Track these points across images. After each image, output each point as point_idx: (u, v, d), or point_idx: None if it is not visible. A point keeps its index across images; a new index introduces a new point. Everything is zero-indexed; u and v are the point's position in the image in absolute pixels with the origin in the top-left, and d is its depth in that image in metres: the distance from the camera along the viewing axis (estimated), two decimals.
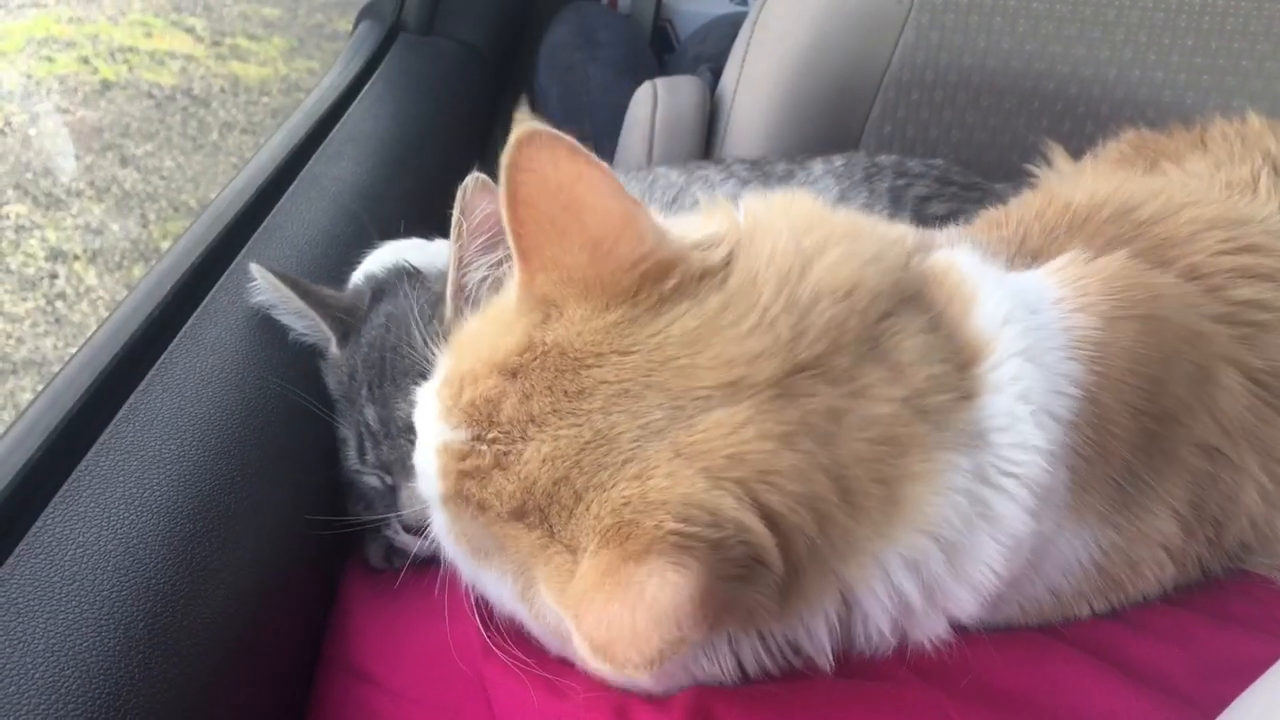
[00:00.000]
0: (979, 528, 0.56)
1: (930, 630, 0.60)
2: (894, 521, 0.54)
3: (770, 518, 0.51)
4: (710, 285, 0.57)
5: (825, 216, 0.63)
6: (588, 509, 0.52)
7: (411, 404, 0.78)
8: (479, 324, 0.63)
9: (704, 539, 0.49)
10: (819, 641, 0.57)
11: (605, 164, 0.57)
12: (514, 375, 0.57)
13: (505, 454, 0.55)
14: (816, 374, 0.54)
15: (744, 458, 0.52)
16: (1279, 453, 0.67)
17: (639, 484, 0.51)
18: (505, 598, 0.60)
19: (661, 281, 0.57)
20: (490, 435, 0.56)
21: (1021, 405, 0.58)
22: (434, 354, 0.65)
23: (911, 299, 0.59)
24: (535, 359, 0.57)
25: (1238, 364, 0.66)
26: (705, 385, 0.54)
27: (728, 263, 0.58)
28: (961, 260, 0.65)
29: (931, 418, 0.56)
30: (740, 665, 0.58)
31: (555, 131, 0.55)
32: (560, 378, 0.56)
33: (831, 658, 0.58)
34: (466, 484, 0.56)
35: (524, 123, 0.57)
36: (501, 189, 0.57)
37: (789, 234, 0.60)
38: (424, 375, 0.78)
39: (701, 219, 0.64)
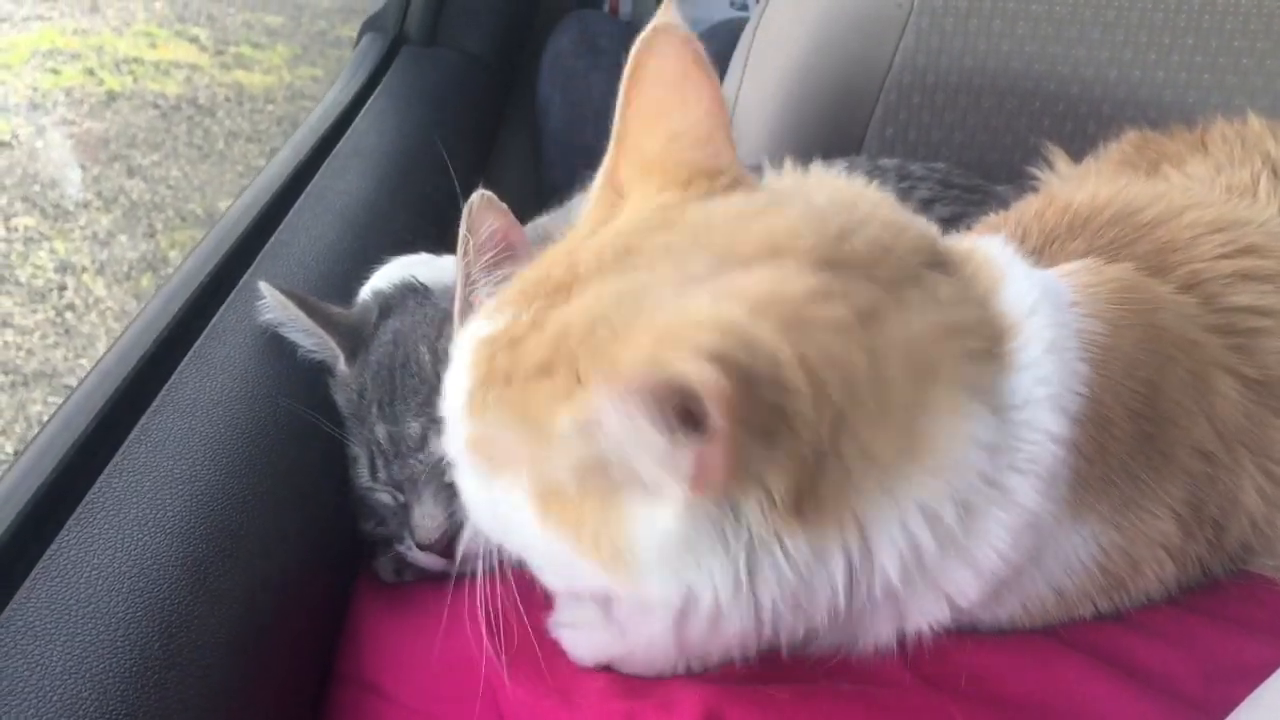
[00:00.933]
0: (989, 497, 0.56)
1: (930, 614, 0.60)
2: (914, 454, 0.53)
3: (806, 363, 0.48)
4: (761, 189, 0.61)
5: (870, 187, 0.65)
6: (623, 338, 0.49)
7: (422, 423, 0.79)
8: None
9: (738, 362, 0.45)
10: (832, 581, 0.54)
11: (718, 82, 0.61)
12: (568, 254, 0.58)
13: (543, 317, 0.55)
14: (859, 272, 0.54)
15: (784, 298, 0.50)
16: (1276, 453, 0.67)
17: (678, 313, 0.50)
18: (516, 511, 0.56)
19: (715, 179, 0.60)
20: (533, 307, 0.56)
21: (1040, 389, 0.58)
22: (442, 371, 0.65)
23: (943, 265, 0.60)
24: (592, 240, 0.59)
25: (1232, 370, 0.66)
26: (748, 248, 0.54)
27: (782, 187, 0.62)
28: (987, 245, 0.66)
29: (963, 356, 0.56)
30: (755, 598, 0.54)
31: (689, 31, 0.61)
32: (609, 246, 0.57)
33: (843, 603, 0.55)
34: (497, 360, 0.55)
35: (665, 14, 0.61)
36: (627, 67, 0.61)
37: (847, 184, 0.63)
38: (434, 392, 0.79)
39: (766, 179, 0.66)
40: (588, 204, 0.64)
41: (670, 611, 0.56)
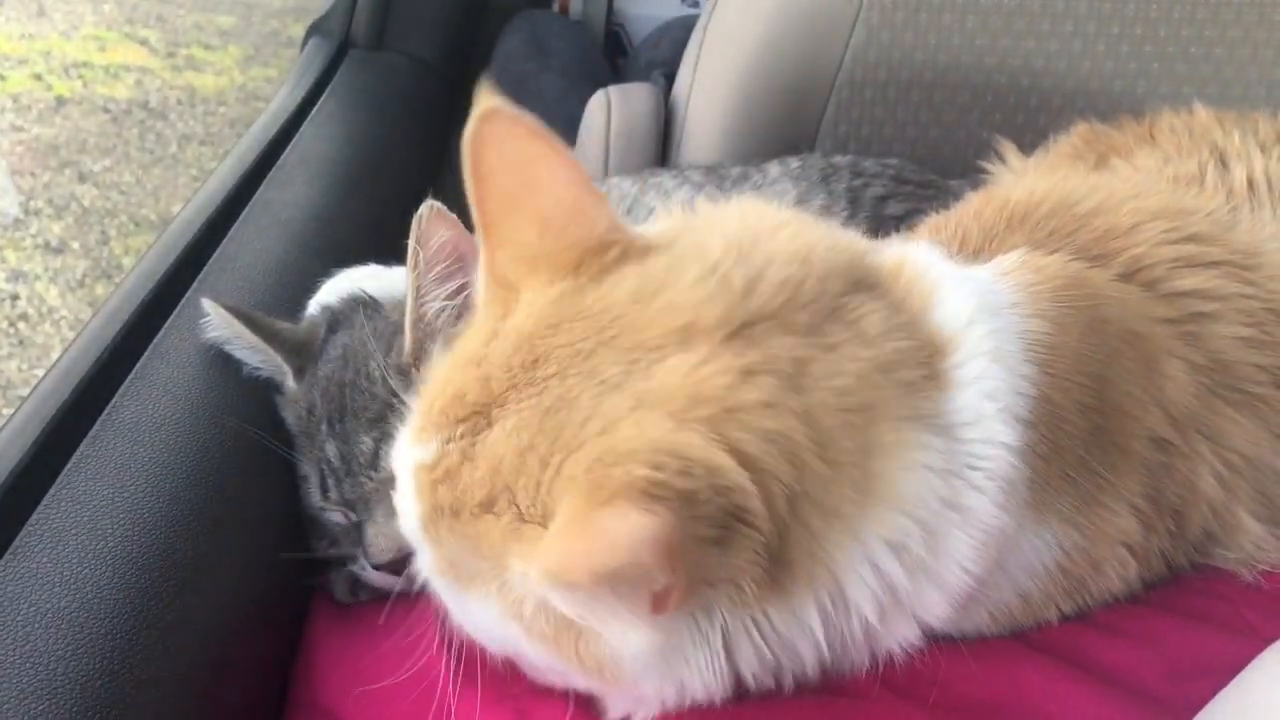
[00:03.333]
0: (951, 520, 0.56)
1: (901, 635, 0.60)
2: (871, 494, 0.54)
3: (743, 458, 0.50)
4: (654, 253, 0.58)
5: (777, 211, 0.64)
6: (557, 472, 0.51)
7: (374, 438, 0.78)
8: (450, 352, 0.62)
9: (674, 488, 0.47)
10: (812, 635, 0.56)
11: (567, 148, 0.58)
12: (477, 365, 0.57)
13: (472, 445, 0.55)
14: (774, 324, 0.54)
15: (704, 396, 0.51)
16: (1230, 439, 0.68)
17: (606, 438, 0.50)
18: (494, 622, 0.57)
19: (603, 255, 0.58)
20: (458, 433, 0.55)
21: (988, 403, 0.58)
22: (392, 386, 0.65)
23: (869, 286, 0.59)
24: (496, 344, 0.57)
25: (1181, 357, 0.67)
26: (655, 335, 0.54)
27: (673, 240, 0.59)
28: (917, 255, 0.66)
29: (902, 390, 0.56)
30: (734, 670, 0.56)
31: (516, 111, 0.57)
32: (516, 354, 0.56)
33: (827, 653, 0.57)
34: (440, 492, 0.55)
35: (487, 99, 0.57)
36: (465, 161, 0.57)
37: (739, 218, 0.61)
38: (385, 407, 0.78)
39: (657, 221, 0.65)
40: (479, 306, 0.62)
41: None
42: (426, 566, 0.60)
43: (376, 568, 0.78)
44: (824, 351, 0.54)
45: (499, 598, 0.56)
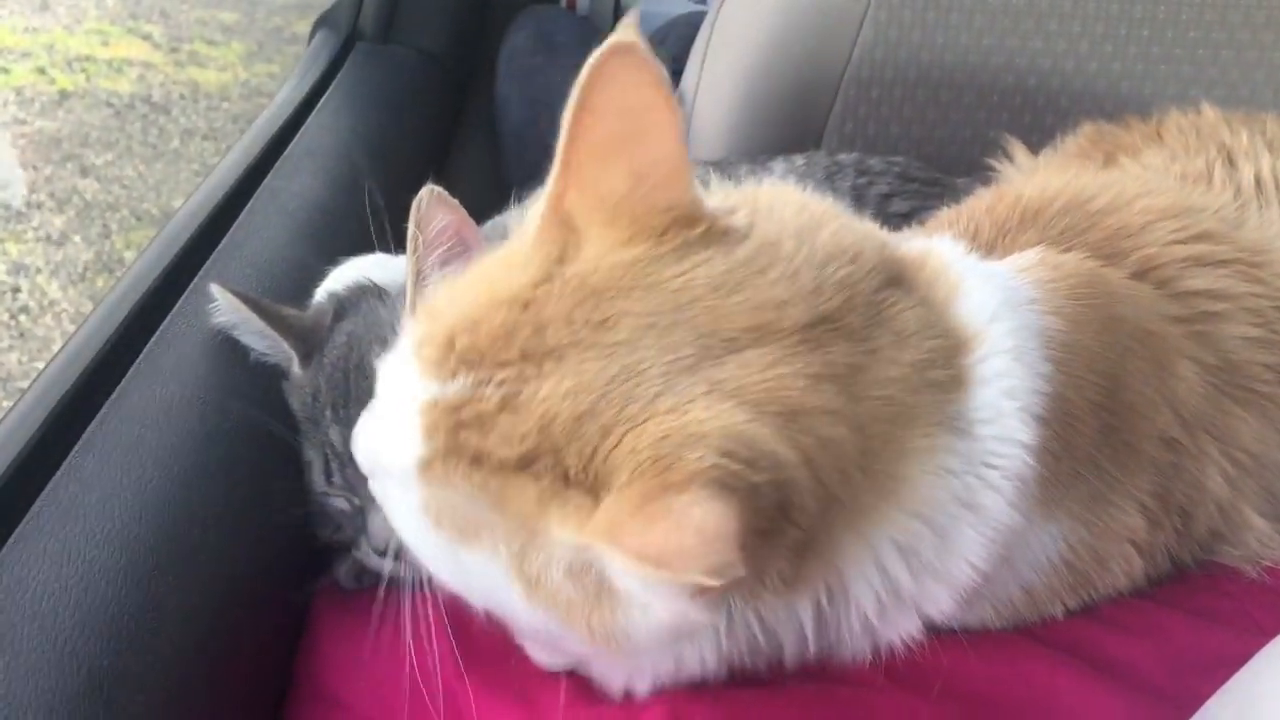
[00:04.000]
0: (964, 519, 0.56)
1: (903, 628, 0.60)
2: (892, 498, 0.54)
3: (805, 457, 0.50)
4: (735, 238, 0.56)
5: (813, 200, 0.63)
6: (619, 444, 0.49)
7: None
8: (464, 280, 0.59)
9: (744, 480, 0.46)
10: (799, 628, 0.57)
11: (680, 106, 0.56)
12: (526, 308, 0.54)
13: (516, 394, 0.51)
14: (834, 328, 0.54)
15: (778, 394, 0.50)
16: (1237, 439, 0.68)
17: (676, 417, 0.49)
18: (494, 581, 0.54)
19: (689, 228, 0.55)
20: (499, 376, 0.52)
21: (1008, 401, 0.58)
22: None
23: (899, 281, 0.59)
24: (552, 290, 0.54)
25: (1192, 357, 0.67)
26: (734, 327, 0.53)
27: (751, 227, 0.57)
28: (940, 249, 0.66)
29: (933, 392, 0.56)
30: (725, 651, 0.57)
31: (650, 53, 0.53)
32: (580, 307, 0.53)
33: (812, 645, 0.57)
34: (463, 436, 0.52)
35: (626, 32, 0.53)
36: (576, 90, 0.54)
37: (794, 209, 0.60)
38: None
39: (714, 195, 0.62)
40: (530, 230, 0.58)
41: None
42: (408, 509, 0.56)
43: (379, 553, 0.78)
44: (871, 357, 0.54)
45: (510, 558, 0.53)
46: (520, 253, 0.57)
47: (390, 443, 0.56)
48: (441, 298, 0.59)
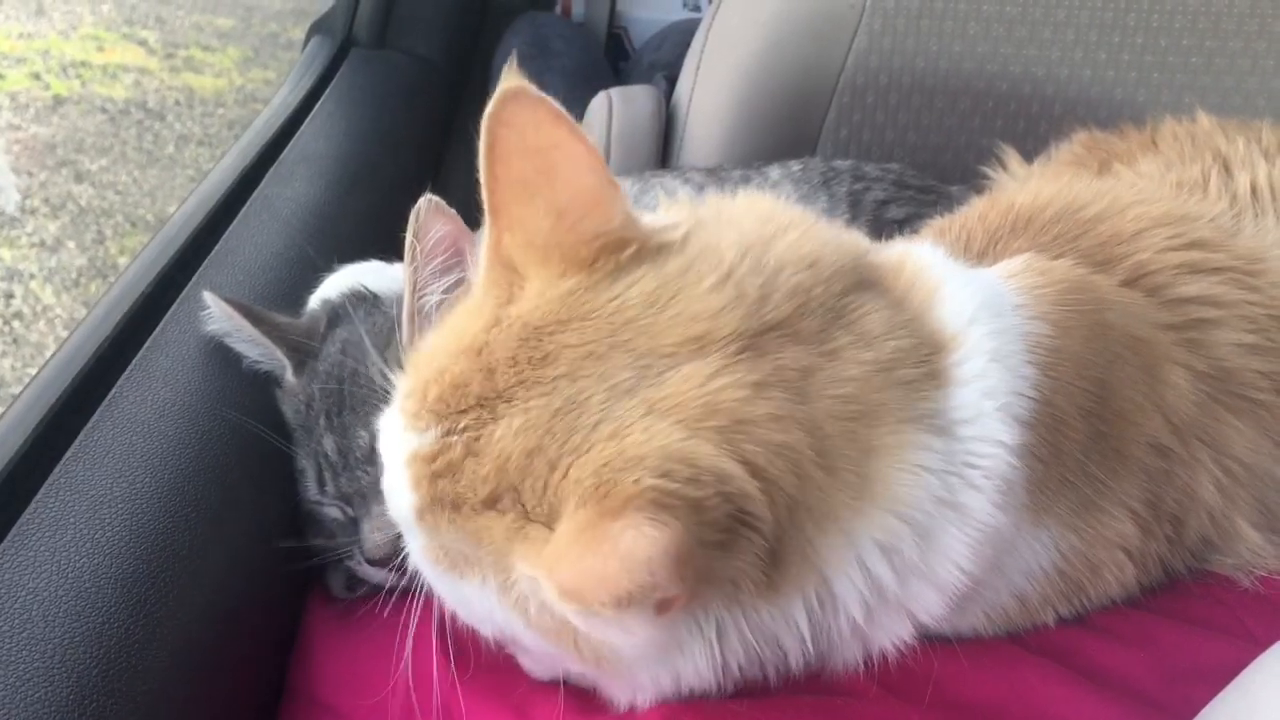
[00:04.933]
0: (946, 519, 0.56)
1: (894, 633, 0.60)
2: (866, 496, 0.54)
3: (751, 468, 0.50)
4: (669, 253, 0.57)
5: (784, 209, 0.63)
6: (565, 475, 0.51)
7: (371, 433, 0.77)
8: (441, 331, 0.61)
9: (683, 497, 0.48)
10: (797, 631, 0.57)
11: (588, 136, 0.56)
12: (478, 353, 0.56)
13: (476, 439, 0.54)
14: (785, 334, 0.54)
15: (718, 407, 0.51)
16: (1230, 447, 0.68)
17: (615, 443, 0.50)
18: (492, 609, 0.57)
19: (619, 252, 0.56)
20: (460, 425, 0.54)
21: (988, 401, 0.58)
22: (392, 380, 0.64)
23: (870, 285, 0.60)
24: (499, 333, 0.56)
25: (1183, 364, 0.67)
26: (670, 342, 0.53)
27: (686, 240, 0.58)
28: (919, 253, 0.66)
29: (901, 390, 0.56)
30: (723, 660, 0.57)
31: (540, 93, 0.55)
32: (523, 347, 0.55)
33: (811, 648, 0.57)
34: (440, 485, 0.55)
35: (511, 78, 0.55)
36: (481, 141, 0.56)
37: (751, 217, 0.60)
38: (383, 402, 0.78)
39: (663, 211, 0.64)
40: (479, 277, 0.60)
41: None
42: (417, 552, 0.59)
43: (371, 563, 0.77)
44: (828, 359, 0.55)
45: (498, 590, 0.55)
46: (474, 299, 0.60)
47: (393, 496, 0.59)
48: (424, 348, 0.61)
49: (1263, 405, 0.69)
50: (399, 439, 0.58)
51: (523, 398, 0.54)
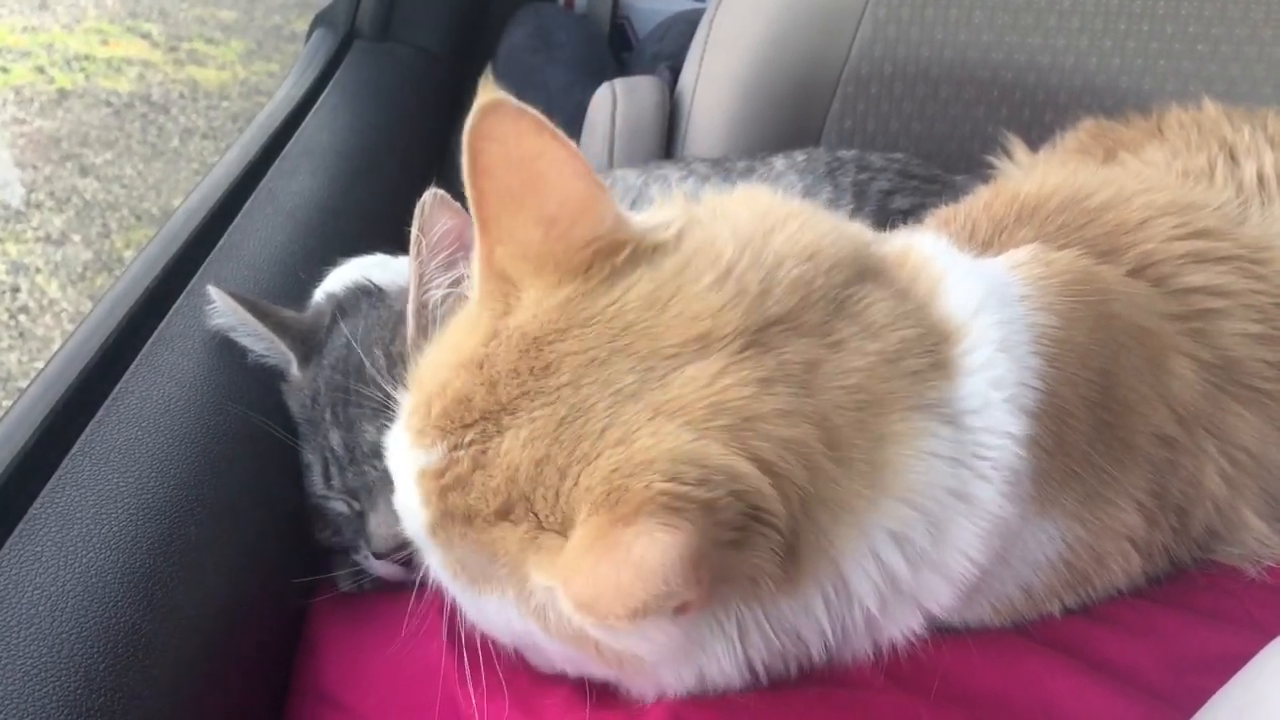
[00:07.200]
0: (956, 509, 0.56)
1: (905, 624, 0.60)
2: (878, 485, 0.54)
3: (761, 464, 0.50)
4: (664, 252, 0.57)
5: (782, 202, 0.63)
6: (575, 483, 0.51)
7: (377, 427, 0.77)
8: (439, 345, 0.61)
9: (695, 498, 0.48)
10: (817, 623, 0.57)
11: (572, 143, 0.56)
12: (480, 367, 0.56)
13: (483, 452, 0.54)
14: (788, 328, 0.54)
15: (724, 406, 0.51)
16: (1236, 437, 0.68)
17: (623, 448, 0.50)
18: (511, 620, 0.57)
19: (613, 256, 0.56)
20: (467, 439, 0.55)
21: (995, 392, 0.58)
22: (397, 375, 0.64)
23: (874, 275, 0.60)
24: (499, 346, 0.56)
25: (1189, 354, 0.67)
26: (672, 343, 0.53)
27: (680, 238, 0.58)
28: (924, 244, 0.66)
29: (909, 380, 0.56)
30: (746, 656, 0.57)
31: (520, 104, 0.55)
32: (524, 358, 0.55)
33: (832, 640, 0.58)
34: (450, 499, 0.55)
35: (489, 91, 0.55)
36: (464, 156, 0.56)
37: (749, 212, 0.60)
38: (389, 397, 0.78)
39: (655, 209, 0.63)
40: (474, 297, 0.60)
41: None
42: (435, 566, 0.60)
43: (378, 557, 0.78)
44: (833, 351, 0.55)
45: (517, 600, 0.56)
46: (471, 312, 0.60)
47: (405, 514, 0.59)
48: (425, 363, 0.61)
49: (1269, 395, 0.69)
50: (406, 456, 0.58)
51: (527, 409, 0.54)
